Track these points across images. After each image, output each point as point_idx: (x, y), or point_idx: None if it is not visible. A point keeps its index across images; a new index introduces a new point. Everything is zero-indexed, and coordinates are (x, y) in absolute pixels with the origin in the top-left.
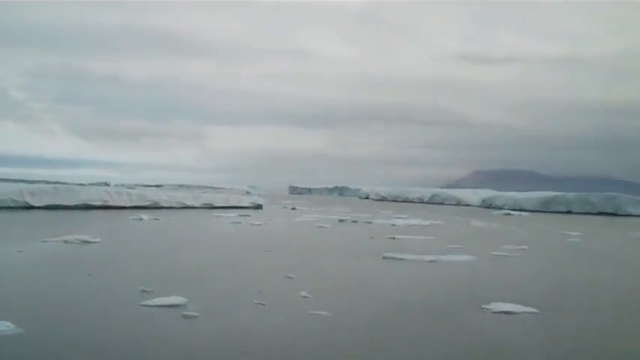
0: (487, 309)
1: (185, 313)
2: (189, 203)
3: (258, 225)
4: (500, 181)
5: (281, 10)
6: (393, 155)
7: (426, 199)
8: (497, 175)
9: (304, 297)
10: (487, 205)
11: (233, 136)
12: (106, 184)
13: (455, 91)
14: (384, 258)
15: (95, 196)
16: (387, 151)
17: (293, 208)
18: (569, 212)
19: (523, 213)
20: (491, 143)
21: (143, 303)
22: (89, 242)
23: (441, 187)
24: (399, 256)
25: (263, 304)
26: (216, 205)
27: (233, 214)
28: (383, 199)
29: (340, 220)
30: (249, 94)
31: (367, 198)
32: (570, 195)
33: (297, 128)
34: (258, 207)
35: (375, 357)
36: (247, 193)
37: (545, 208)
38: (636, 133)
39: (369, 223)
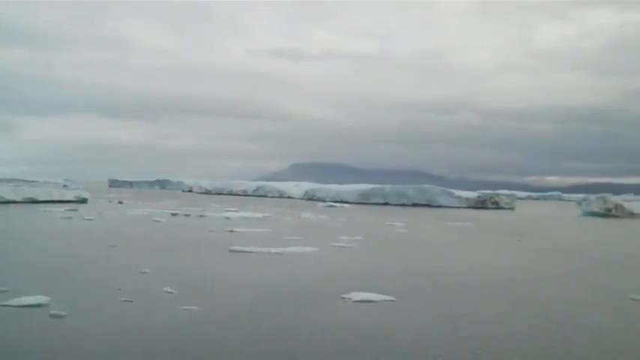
0: (347, 298)
1: (52, 312)
2: (10, 197)
3: (91, 220)
4: (317, 173)
5: None
6: (212, 148)
7: (250, 192)
8: (314, 168)
9: (169, 292)
10: (309, 197)
11: (46, 127)
12: None
13: (272, 85)
14: (232, 251)
15: None
16: (206, 143)
17: (120, 202)
18: (386, 204)
19: (345, 205)
20: (308, 137)
21: (3, 303)
22: None
23: (261, 180)
24: (245, 249)
25: (131, 301)
26: (40, 199)
27: (60, 208)
28: (207, 192)
29: (173, 214)
30: (64, 83)
31: (190, 191)
32: (387, 187)
33: (114, 119)
34: (84, 201)
35: (254, 348)
36: (65, 186)
37: (364, 200)
38: (440, 129)
39: (202, 216)
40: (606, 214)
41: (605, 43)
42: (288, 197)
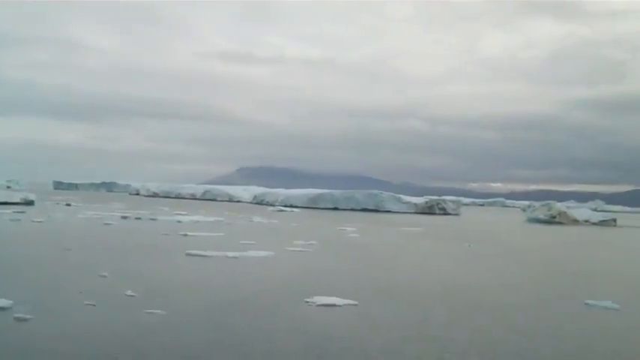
0: (311, 302)
1: (16, 315)
2: None
3: (41, 222)
4: (264, 177)
5: None
6: (158, 150)
7: (198, 195)
8: (261, 172)
9: (131, 296)
10: (259, 201)
11: None
12: None
13: (219, 88)
14: (188, 255)
15: None
16: (153, 146)
17: (68, 205)
18: (335, 208)
19: (295, 209)
20: (255, 141)
21: None
22: None
23: (208, 184)
24: (202, 252)
25: (94, 305)
26: None
27: (7, 210)
28: (154, 195)
29: (123, 217)
30: (8, 83)
31: (137, 194)
32: (337, 192)
33: (58, 120)
34: (30, 203)
35: (224, 352)
36: (8, 187)
37: (313, 205)
38: (387, 134)
39: (154, 219)
40: (550, 220)
41: (548, 53)
42: (238, 201)
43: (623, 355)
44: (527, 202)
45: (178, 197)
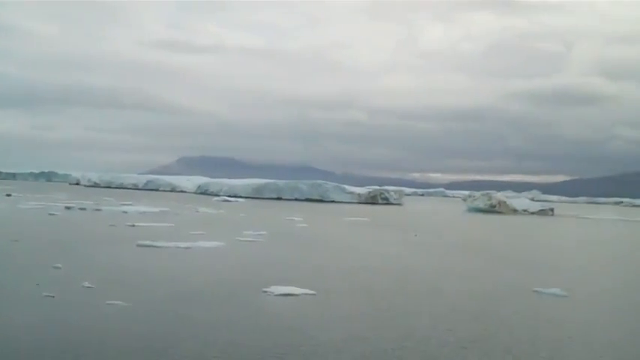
0: (269, 292)
1: None
2: None
3: None
4: (206, 167)
5: None
6: (97, 139)
7: (141, 186)
8: (203, 161)
9: (89, 287)
10: (202, 191)
11: None
12: None
13: (160, 76)
14: (139, 245)
15: None
16: (91, 135)
17: (8, 195)
18: (279, 198)
19: (239, 199)
20: (196, 130)
21: None
22: None
23: (149, 174)
24: (154, 243)
25: (53, 297)
26: None
27: None
28: (95, 185)
29: (67, 208)
30: None
31: (78, 184)
32: (281, 182)
33: None
34: None
35: (188, 342)
36: None
37: (258, 195)
38: (328, 125)
39: (98, 210)
40: (490, 210)
41: (487, 45)
42: (181, 191)
43: (575, 339)
44: (466, 192)
45: (120, 187)
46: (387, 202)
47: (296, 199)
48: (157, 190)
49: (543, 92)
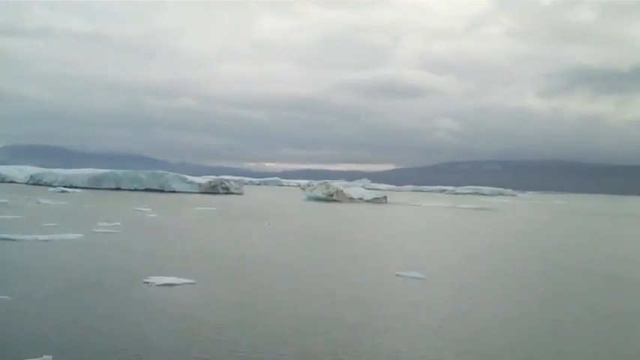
0: (150, 282)
1: None
2: None
3: None
4: (35, 157)
5: None
6: None
7: None
8: (32, 150)
9: None
10: (35, 181)
11: None
12: None
13: None
14: None
15: None
16: None
17: None
18: (118, 189)
19: (77, 190)
20: (22, 118)
21: None
22: None
23: None
24: (9, 236)
25: None
26: None
27: None
28: None
29: None
30: None
31: None
32: (120, 172)
33: None
34: None
35: (74, 335)
36: None
37: (96, 185)
38: (160, 113)
39: None
40: (328, 198)
41: (319, 37)
42: (11, 182)
43: (436, 315)
44: (301, 181)
45: None
46: (227, 191)
47: (135, 190)
48: None
49: (371, 84)
